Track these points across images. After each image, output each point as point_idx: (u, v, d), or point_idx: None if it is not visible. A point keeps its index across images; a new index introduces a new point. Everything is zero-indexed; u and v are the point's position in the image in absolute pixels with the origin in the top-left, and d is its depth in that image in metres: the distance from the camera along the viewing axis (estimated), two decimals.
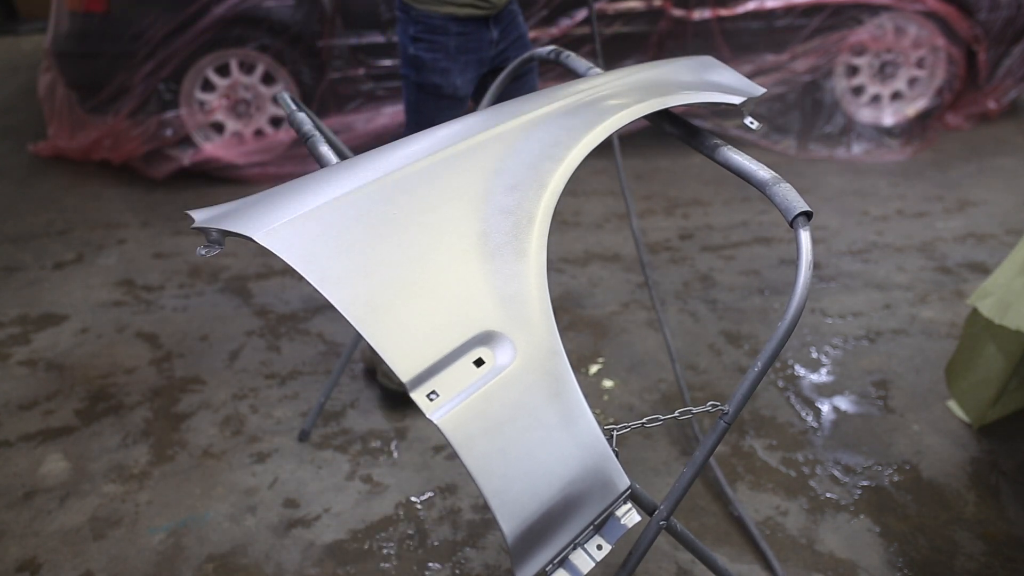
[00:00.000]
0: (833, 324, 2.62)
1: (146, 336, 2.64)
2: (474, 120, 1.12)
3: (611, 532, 0.87)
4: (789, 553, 1.76)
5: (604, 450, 0.85)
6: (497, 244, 0.93)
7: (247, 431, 2.17)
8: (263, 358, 2.50)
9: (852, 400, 2.25)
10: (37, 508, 1.92)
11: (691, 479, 1.06)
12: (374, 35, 3.81)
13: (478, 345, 0.85)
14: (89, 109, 3.88)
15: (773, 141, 4.12)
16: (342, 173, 0.99)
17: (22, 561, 1.76)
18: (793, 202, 1.05)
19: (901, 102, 4.19)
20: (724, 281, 2.91)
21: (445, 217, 0.95)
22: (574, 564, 0.84)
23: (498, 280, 0.90)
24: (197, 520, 1.87)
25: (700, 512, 1.87)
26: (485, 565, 1.75)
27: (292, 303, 2.81)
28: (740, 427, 2.14)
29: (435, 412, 0.79)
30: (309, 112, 1.41)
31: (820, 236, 3.24)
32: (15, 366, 2.49)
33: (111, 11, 3.64)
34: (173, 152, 3.85)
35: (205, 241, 0.91)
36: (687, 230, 3.34)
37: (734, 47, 4.01)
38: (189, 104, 3.82)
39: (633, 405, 2.25)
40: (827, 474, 1.98)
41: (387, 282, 0.87)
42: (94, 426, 2.20)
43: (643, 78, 1.29)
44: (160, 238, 3.35)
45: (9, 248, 3.29)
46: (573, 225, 3.40)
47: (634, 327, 2.62)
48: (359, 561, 1.76)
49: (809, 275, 1.00)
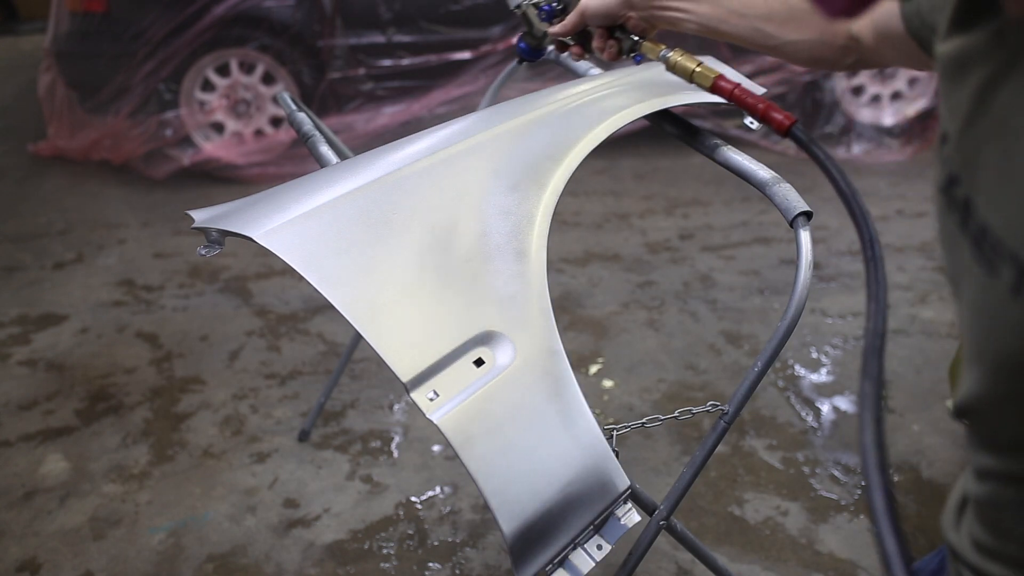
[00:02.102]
0: (833, 324, 2.62)
1: (146, 336, 2.63)
2: (474, 120, 1.12)
3: (611, 532, 0.87)
4: (789, 553, 1.76)
5: (604, 450, 0.85)
6: (497, 244, 0.93)
7: (247, 431, 2.17)
8: (263, 358, 2.50)
9: (852, 400, 2.25)
10: (37, 508, 1.91)
11: (691, 479, 1.06)
12: (374, 35, 3.81)
13: (478, 345, 0.85)
14: (89, 109, 3.88)
15: (773, 141, 4.12)
16: (342, 173, 0.99)
17: (22, 561, 1.76)
18: (793, 202, 1.05)
19: (901, 102, 4.19)
20: (724, 281, 2.91)
21: (445, 217, 0.95)
22: (574, 564, 0.84)
23: (498, 280, 0.90)
24: (197, 520, 1.87)
25: (700, 512, 1.87)
26: (485, 565, 1.75)
27: (292, 303, 2.81)
28: (740, 427, 2.14)
29: (435, 412, 0.79)
30: (309, 112, 1.41)
31: (820, 236, 3.24)
32: (15, 366, 2.49)
33: (111, 11, 3.64)
34: (173, 152, 3.85)
35: (205, 241, 0.91)
36: (687, 230, 3.34)
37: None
38: (189, 104, 3.82)
39: (633, 405, 2.25)
40: (827, 474, 1.98)
41: (387, 282, 0.87)
42: (94, 426, 2.20)
43: (643, 78, 1.29)
44: (160, 238, 3.35)
45: (9, 248, 3.29)
46: (573, 225, 3.40)
47: (634, 327, 2.62)
48: (359, 561, 1.76)
49: (809, 275, 1.00)
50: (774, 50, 0.92)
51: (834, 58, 0.90)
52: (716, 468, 1.99)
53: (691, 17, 0.94)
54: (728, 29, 0.93)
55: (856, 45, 0.88)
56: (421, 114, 3.90)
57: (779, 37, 0.90)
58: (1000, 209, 0.47)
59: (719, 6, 0.93)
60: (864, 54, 0.88)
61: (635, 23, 1.02)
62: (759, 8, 0.91)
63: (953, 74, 0.53)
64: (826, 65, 0.92)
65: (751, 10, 0.91)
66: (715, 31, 0.94)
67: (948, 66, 0.54)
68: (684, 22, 0.96)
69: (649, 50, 1.02)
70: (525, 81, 3.81)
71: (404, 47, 3.85)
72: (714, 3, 0.93)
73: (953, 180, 0.52)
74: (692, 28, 0.96)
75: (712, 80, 0.97)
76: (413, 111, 3.90)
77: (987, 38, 0.49)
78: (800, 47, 0.90)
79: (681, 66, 1.00)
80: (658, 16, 0.98)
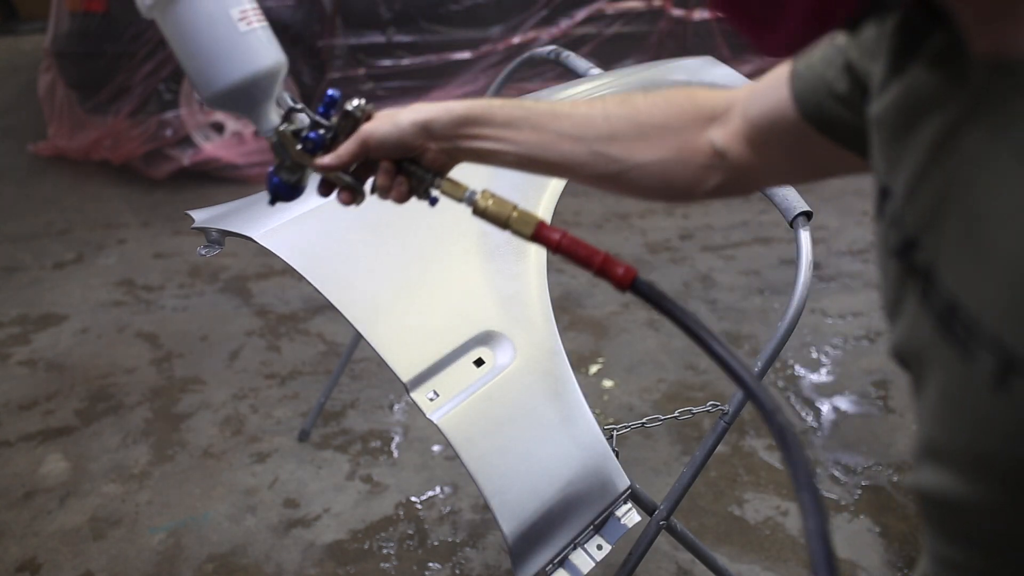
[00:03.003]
0: (833, 324, 2.62)
1: (146, 336, 2.63)
2: None
3: (611, 532, 0.87)
4: (789, 553, 1.76)
5: (604, 450, 0.85)
6: (497, 244, 0.93)
7: (247, 431, 2.17)
8: (263, 358, 2.50)
9: (852, 400, 2.25)
10: (37, 508, 1.91)
11: (691, 479, 1.06)
12: (374, 35, 3.81)
13: (478, 345, 0.85)
14: (89, 109, 3.87)
15: None
16: None
17: (22, 561, 1.76)
18: (793, 202, 1.05)
19: None
20: (724, 281, 2.91)
21: (445, 218, 0.95)
22: (574, 564, 0.84)
23: (498, 280, 0.90)
24: (197, 520, 1.87)
25: (700, 512, 1.87)
26: (485, 565, 1.75)
27: (292, 303, 2.81)
28: (740, 427, 2.14)
29: (435, 412, 0.79)
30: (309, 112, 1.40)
31: (820, 236, 3.24)
32: (15, 366, 2.49)
33: (111, 11, 3.64)
34: (173, 152, 3.85)
35: (205, 241, 0.91)
36: (687, 230, 3.34)
37: (734, 47, 4.01)
38: (189, 104, 3.82)
39: (633, 405, 2.25)
40: (827, 474, 1.98)
41: (387, 282, 0.87)
42: (94, 426, 2.20)
43: (643, 78, 1.29)
44: (160, 238, 3.35)
45: (9, 248, 3.29)
46: (573, 225, 3.40)
47: (634, 327, 2.62)
48: (359, 561, 1.76)
49: (809, 275, 1.00)
50: (615, 178, 0.74)
51: (692, 181, 0.73)
52: (716, 468, 1.99)
53: (508, 147, 0.74)
54: (556, 157, 0.74)
55: (720, 162, 0.71)
56: None
57: (624, 160, 0.72)
58: (973, 285, 0.39)
59: (545, 131, 0.73)
60: (732, 172, 0.71)
61: (433, 156, 0.77)
62: (599, 128, 0.73)
63: (897, 125, 0.47)
64: (679, 192, 0.75)
65: (589, 131, 0.73)
66: (538, 161, 0.75)
67: (889, 116, 0.47)
68: (499, 154, 0.75)
69: (450, 191, 0.77)
70: (525, 81, 3.81)
71: (404, 47, 3.85)
72: (538, 128, 0.73)
73: (910, 244, 0.45)
74: (509, 160, 0.76)
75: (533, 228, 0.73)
76: None
77: (941, 80, 0.43)
78: (650, 171, 0.72)
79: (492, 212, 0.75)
80: (464, 148, 0.75)
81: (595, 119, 0.73)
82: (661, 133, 0.72)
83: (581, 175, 0.75)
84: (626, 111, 0.73)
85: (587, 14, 3.86)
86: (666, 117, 0.73)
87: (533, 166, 0.76)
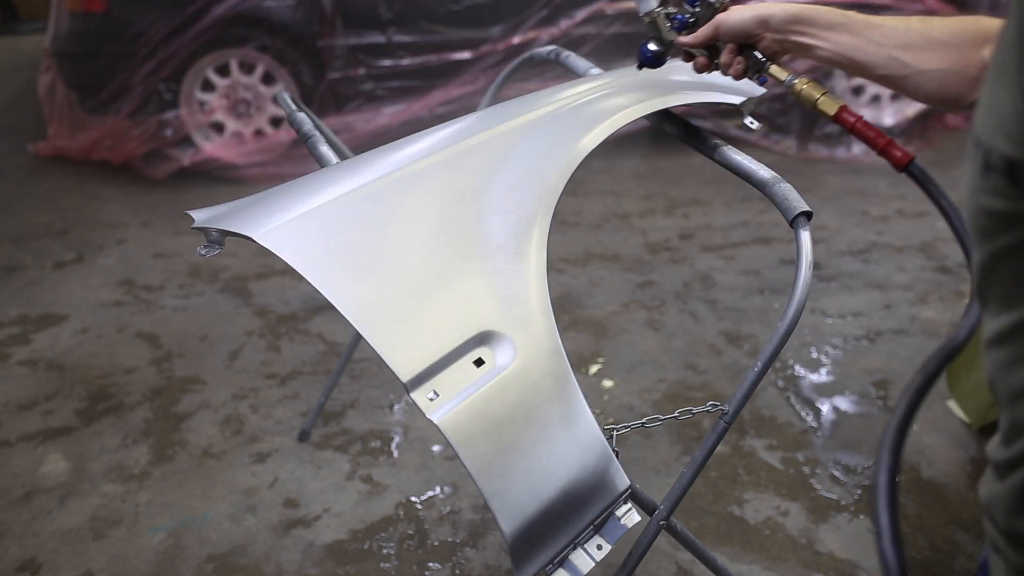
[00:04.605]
0: (833, 324, 2.62)
1: (146, 336, 2.63)
2: (474, 120, 1.12)
3: (611, 532, 0.87)
4: (789, 553, 1.76)
5: (604, 450, 0.85)
6: (497, 244, 0.93)
7: (247, 431, 2.17)
8: (263, 358, 2.50)
9: (852, 400, 2.25)
10: (37, 508, 1.91)
11: (691, 479, 1.06)
12: (374, 35, 3.81)
13: (478, 345, 0.85)
14: (89, 109, 3.88)
15: (773, 141, 4.12)
16: (342, 173, 0.99)
17: (22, 561, 1.76)
18: (793, 202, 1.05)
19: (901, 102, 4.18)
20: (724, 281, 2.91)
21: (445, 217, 0.95)
22: (574, 564, 0.84)
23: (498, 280, 0.90)
24: (197, 520, 1.87)
25: (700, 512, 1.87)
26: (485, 565, 1.75)
27: (292, 303, 2.81)
28: (740, 427, 2.14)
29: (435, 412, 0.79)
30: (309, 112, 1.41)
31: (820, 236, 3.24)
32: (15, 366, 2.49)
33: (111, 11, 3.64)
34: (173, 152, 3.86)
35: (205, 241, 0.91)
36: (687, 230, 3.34)
37: None
38: (189, 104, 3.82)
39: (633, 405, 2.24)
40: (827, 474, 1.98)
41: (387, 282, 0.87)
42: (94, 426, 2.20)
43: (643, 78, 1.29)
44: (160, 238, 3.35)
45: (9, 248, 3.29)
46: (573, 225, 3.40)
47: (634, 327, 2.62)
48: (359, 561, 1.76)
49: (809, 275, 1.00)
50: (902, 80, 0.90)
51: (961, 92, 0.87)
52: (716, 468, 1.99)
53: (827, 45, 0.94)
54: (861, 57, 0.92)
55: None
56: (421, 114, 3.90)
57: (912, 66, 0.89)
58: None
59: (857, 35, 0.91)
60: None
61: (767, 44, 1.01)
62: (899, 37, 0.89)
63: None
64: (949, 100, 0.89)
65: (890, 39, 0.90)
66: (846, 59, 0.93)
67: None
68: (818, 49, 0.95)
69: (776, 73, 1.03)
70: (525, 81, 3.81)
71: (404, 47, 3.85)
72: (853, 32, 0.92)
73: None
74: (824, 55, 0.95)
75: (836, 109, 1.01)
76: (413, 111, 3.90)
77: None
78: (930, 77, 0.88)
79: (806, 94, 1.02)
80: (793, 41, 0.97)
81: (897, 30, 0.90)
82: (945, 47, 0.87)
83: (876, 75, 0.92)
84: (922, 27, 0.89)
85: (587, 14, 3.86)
86: (952, 34, 0.87)
87: (841, 63, 0.94)
